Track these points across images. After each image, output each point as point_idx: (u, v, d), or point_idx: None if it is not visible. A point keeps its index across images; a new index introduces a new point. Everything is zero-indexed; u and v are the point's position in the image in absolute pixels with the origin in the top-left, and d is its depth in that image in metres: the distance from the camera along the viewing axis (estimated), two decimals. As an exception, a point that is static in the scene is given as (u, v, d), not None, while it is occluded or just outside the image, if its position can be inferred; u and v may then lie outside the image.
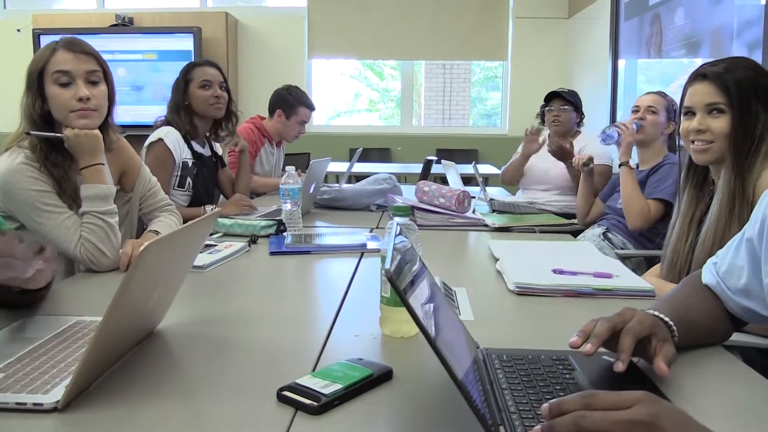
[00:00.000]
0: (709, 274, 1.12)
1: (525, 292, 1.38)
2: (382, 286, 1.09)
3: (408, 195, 2.60)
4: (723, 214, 1.50)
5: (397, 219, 1.09)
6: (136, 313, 0.91)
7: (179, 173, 2.36)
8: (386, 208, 2.54)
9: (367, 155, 5.64)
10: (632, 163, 2.49)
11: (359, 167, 4.70)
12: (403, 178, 4.64)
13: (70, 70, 1.48)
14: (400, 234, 1.02)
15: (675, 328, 0.96)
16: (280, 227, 1.92)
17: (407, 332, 1.09)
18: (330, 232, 1.97)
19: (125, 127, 1.90)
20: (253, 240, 1.82)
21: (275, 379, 0.88)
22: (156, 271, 0.88)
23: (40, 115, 1.49)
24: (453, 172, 2.99)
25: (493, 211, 2.53)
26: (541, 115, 3.41)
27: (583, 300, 1.35)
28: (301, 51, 6.13)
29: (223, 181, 2.68)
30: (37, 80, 1.49)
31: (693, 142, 1.59)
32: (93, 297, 1.36)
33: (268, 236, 1.90)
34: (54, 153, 1.49)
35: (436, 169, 4.48)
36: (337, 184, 2.86)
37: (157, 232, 1.70)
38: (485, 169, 4.65)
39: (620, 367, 0.85)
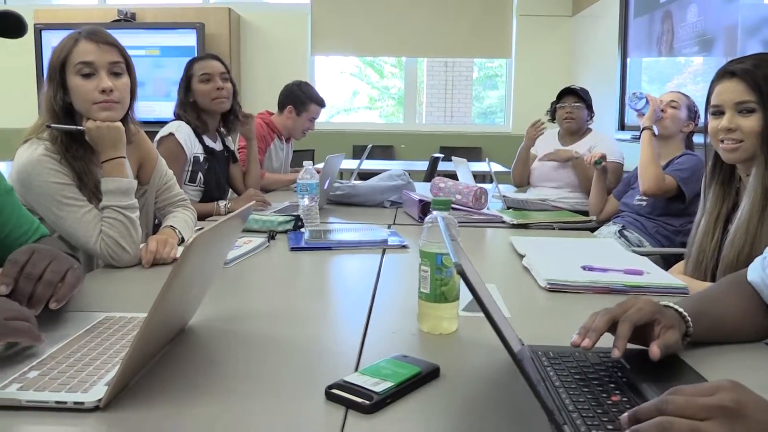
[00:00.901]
0: (754, 271, 1.10)
1: (556, 288, 1.35)
2: (421, 282, 1.06)
3: (420, 191, 2.57)
4: (755, 213, 1.48)
5: (436, 213, 1.06)
6: (177, 309, 0.89)
7: (190, 168, 2.32)
8: (400, 205, 2.51)
9: (371, 152, 5.59)
10: (655, 129, 2.53)
11: (364, 164, 4.68)
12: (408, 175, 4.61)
13: (93, 61, 1.45)
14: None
15: (689, 318, 0.95)
16: (298, 223, 1.89)
17: (447, 329, 1.06)
18: (348, 228, 1.94)
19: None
20: (272, 236, 1.79)
21: (319, 377, 0.86)
22: (198, 265, 0.85)
23: (62, 107, 1.45)
24: (464, 169, 2.96)
25: (508, 207, 2.51)
26: (552, 112, 3.39)
27: (616, 297, 1.32)
28: (303, 48, 6.09)
29: (234, 176, 2.64)
30: (59, 71, 1.45)
31: (722, 141, 1.56)
32: (117, 293, 1.33)
33: (285, 232, 1.87)
34: (75, 145, 1.46)
35: (441, 166, 4.47)
36: (345, 181, 2.83)
37: (173, 228, 1.67)
38: (493, 167, 4.60)
39: (616, 353, 0.85)
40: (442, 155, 4.30)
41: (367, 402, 0.77)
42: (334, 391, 0.80)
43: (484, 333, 1.08)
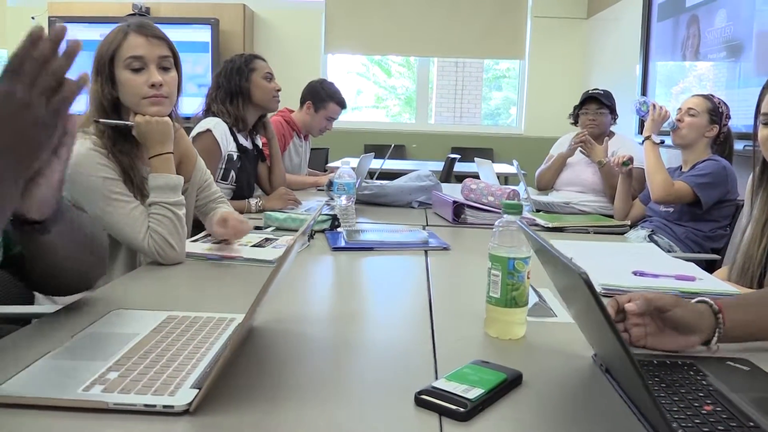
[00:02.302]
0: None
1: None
2: (491, 287, 1.04)
3: (447, 192, 2.55)
4: None
5: (507, 217, 1.04)
6: (260, 310, 0.87)
7: (223, 166, 2.30)
8: (428, 205, 2.49)
9: (382, 152, 5.58)
10: (655, 139, 2.57)
11: (376, 164, 4.66)
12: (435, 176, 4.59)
13: (143, 55, 1.43)
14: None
15: (721, 312, 0.97)
16: (335, 222, 1.87)
17: (516, 334, 1.05)
18: (384, 229, 1.92)
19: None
20: (311, 235, 1.77)
21: (403, 382, 0.84)
22: (286, 267, 0.83)
23: (110, 101, 1.43)
24: (488, 170, 2.94)
25: (538, 210, 2.49)
26: (575, 117, 3.37)
27: (672, 304, 1.31)
28: (317, 46, 6.07)
29: (262, 175, 2.63)
30: (107, 65, 1.43)
31: None
32: (171, 291, 1.31)
33: (322, 231, 1.85)
34: (121, 140, 1.44)
35: (457, 167, 4.46)
36: (372, 180, 2.81)
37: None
38: (502, 168, 4.58)
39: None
40: (458, 156, 4.28)
41: (462, 409, 0.75)
42: (425, 397, 0.78)
43: (553, 338, 1.06)
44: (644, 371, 0.88)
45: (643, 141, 2.58)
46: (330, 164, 4.71)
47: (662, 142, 2.65)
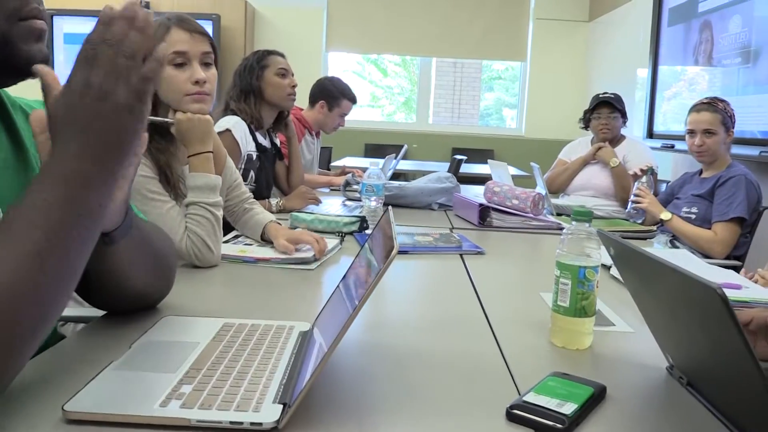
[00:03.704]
0: None
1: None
2: (559, 295, 1.01)
3: (465, 194, 2.52)
4: None
5: (576, 224, 1.02)
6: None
7: (243, 166, 2.26)
8: (449, 207, 2.46)
9: (383, 152, 5.55)
10: (666, 216, 2.42)
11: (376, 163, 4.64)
12: (422, 175, 4.56)
13: (186, 50, 1.38)
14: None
15: None
16: (363, 224, 1.84)
17: (584, 344, 1.02)
18: (414, 231, 1.89)
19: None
20: (342, 237, 1.73)
21: (486, 395, 0.82)
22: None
23: (154, 95, 1.38)
24: (503, 172, 2.90)
25: (558, 214, 2.47)
26: (586, 121, 3.36)
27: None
28: (318, 43, 6.02)
29: (279, 174, 2.58)
30: None
31: None
32: (215, 296, 1.27)
33: (351, 233, 1.82)
34: (158, 138, 1.39)
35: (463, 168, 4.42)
36: (391, 182, 2.77)
37: (279, 223, 1.65)
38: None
39: None
40: (465, 157, 4.25)
41: (560, 425, 0.72)
42: (518, 412, 0.75)
43: (619, 348, 1.04)
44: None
45: (663, 223, 2.45)
46: (333, 163, 4.67)
47: (700, 171, 2.61)
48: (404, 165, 5.08)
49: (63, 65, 5.18)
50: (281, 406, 0.72)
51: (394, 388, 0.84)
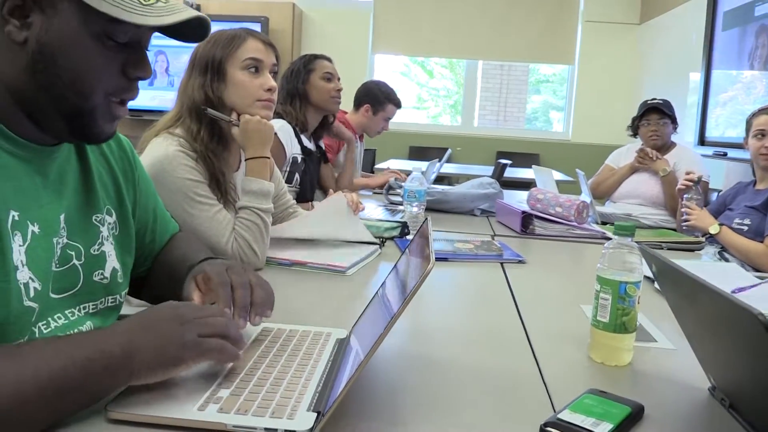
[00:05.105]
0: None
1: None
2: (599, 310, 1.00)
3: (509, 200, 2.50)
4: None
5: (618, 238, 1.00)
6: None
7: (288, 169, 2.29)
8: (491, 213, 2.45)
9: (427, 154, 5.55)
10: (713, 229, 2.33)
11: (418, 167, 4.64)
12: (466, 179, 4.55)
13: (262, 59, 1.46)
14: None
15: None
16: (404, 230, 1.84)
17: (623, 360, 1.00)
18: (455, 238, 1.88)
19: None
20: (382, 242, 1.74)
21: (520, 411, 0.82)
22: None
23: (219, 97, 1.44)
24: (547, 178, 2.87)
25: (603, 223, 2.42)
26: (634, 128, 3.29)
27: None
28: (365, 46, 6.05)
29: (324, 177, 2.61)
30: (221, 63, 1.44)
31: None
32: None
33: (391, 238, 1.82)
34: (215, 141, 1.43)
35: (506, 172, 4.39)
36: (434, 186, 2.77)
37: None
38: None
39: None
40: (510, 162, 4.21)
41: (595, 446, 0.71)
42: (552, 430, 0.74)
43: (660, 365, 1.02)
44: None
45: (711, 236, 2.36)
46: (377, 165, 4.69)
47: (753, 182, 2.54)
48: (448, 168, 5.06)
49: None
50: (315, 414, 0.73)
51: (428, 400, 0.84)
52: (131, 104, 0.89)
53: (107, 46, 0.80)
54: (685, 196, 2.51)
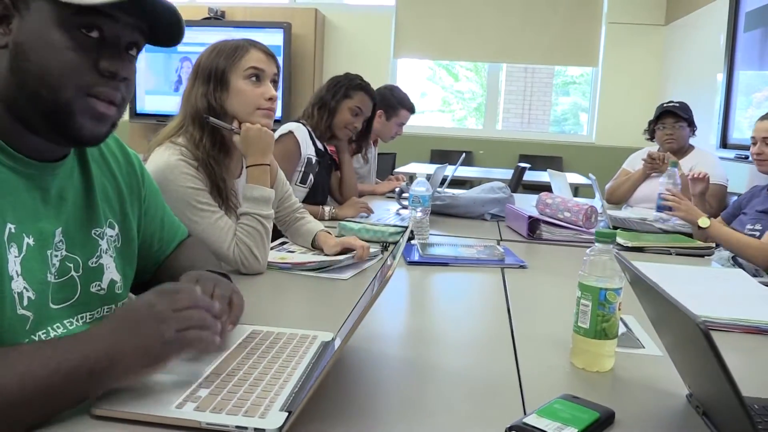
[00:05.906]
0: None
1: (712, 328, 1.27)
2: (579, 317, 1.01)
3: (518, 203, 2.51)
4: None
5: (599, 245, 1.01)
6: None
7: (303, 169, 2.35)
8: (501, 218, 2.46)
9: (448, 158, 5.56)
10: (703, 223, 2.27)
11: (447, 171, 4.64)
12: (487, 182, 4.53)
13: (264, 68, 1.50)
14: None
15: None
16: (409, 235, 1.86)
17: (604, 366, 1.01)
18: (458, 243, 1.90)
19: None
20: (385, 247, 1.77)
21: (491, 414, 0.83)
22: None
23: (221, 106, 1.48)
24: (561, 183, 2.87)
25: (615, 227, 2.41)
26: (651, 132, 3.26)
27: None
28: (387, 50, 6.09)
29: (333, 183, 2.66)
30: (224, 72, 1.49)
31: None
32: (252, 304, 1.33)
33: (395, 243, 1.85)
34: (216, 149, 1.48)
35: (527, 176, 4.38)
36: (444, 190, 2.79)
37: (329, 232, 1.73)
38: (572, 178, 4.46)
39: None
40: (528, 165, 4.21)
41: (555, 450, 0.73)
42: (516, 434, 0.76)
43: (641, 372, 1.02)
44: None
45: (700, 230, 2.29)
46: (397, 170, 4.72)
47: (766, 187, 2.50)
48: (469, 172, 5.06)
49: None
50: (286, 414, 0.76)
51: (403, 401, 0.87)
52: (156, 109, 0.93)
53: (80, 40, 0.82)
54: (661, 179, 2.48)
